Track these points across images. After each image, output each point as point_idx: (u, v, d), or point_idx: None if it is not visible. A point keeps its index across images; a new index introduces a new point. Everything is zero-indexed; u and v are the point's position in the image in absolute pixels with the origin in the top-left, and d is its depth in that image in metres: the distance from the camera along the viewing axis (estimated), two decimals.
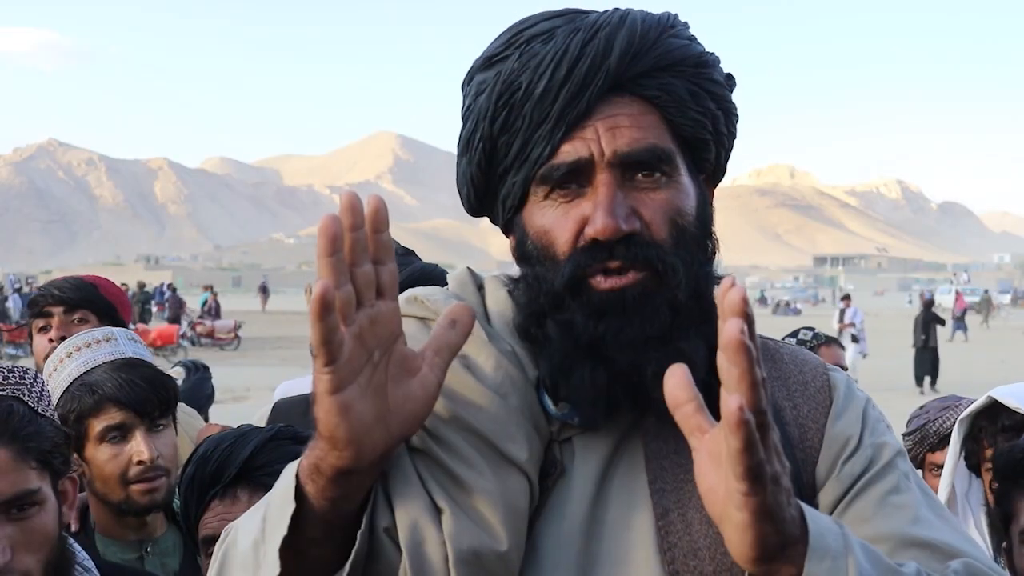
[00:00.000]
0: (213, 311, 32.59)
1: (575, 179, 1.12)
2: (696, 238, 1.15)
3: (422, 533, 1.02)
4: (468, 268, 1.28)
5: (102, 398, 2.01)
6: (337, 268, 0.87)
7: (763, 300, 70.37)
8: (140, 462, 1.99)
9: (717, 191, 1.23)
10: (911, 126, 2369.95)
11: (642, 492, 1.11)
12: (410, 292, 1.20)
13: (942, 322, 21.51)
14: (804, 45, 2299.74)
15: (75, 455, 1.96)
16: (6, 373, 1.53)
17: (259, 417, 2.57)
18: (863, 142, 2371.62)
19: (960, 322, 36.26)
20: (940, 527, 1.11)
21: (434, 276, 2.43)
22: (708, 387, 1.09)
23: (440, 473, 1.06)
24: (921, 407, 3.00)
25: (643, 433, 1.13)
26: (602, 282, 1.10)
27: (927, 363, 19.93)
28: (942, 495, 2.22)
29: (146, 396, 2.03)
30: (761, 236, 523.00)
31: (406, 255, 2.45)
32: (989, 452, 2.09)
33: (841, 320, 20.93)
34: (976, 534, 2.18)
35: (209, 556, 1.62)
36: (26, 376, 1.56)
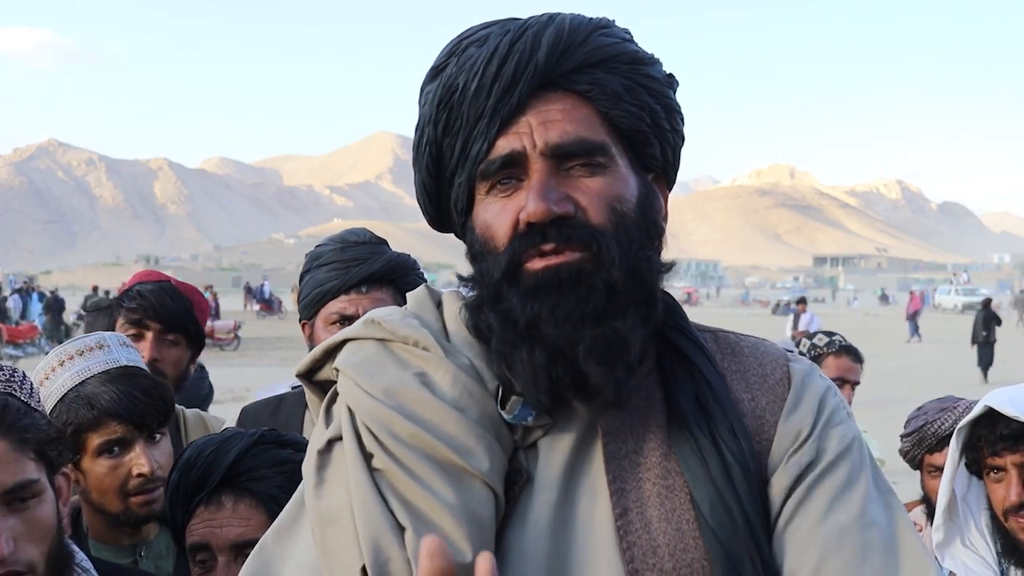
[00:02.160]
0: (213, 311, 32.60)
1: (512, 172, 1.15)
2: (637, 224, 1.16)
3: (386, 553, 1.04)
4: (426, 285, 1.29)
5: (101, 412, 1.98)
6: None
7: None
8: (140, 475, 1.98)
9: (717, 191, 1.76)
10: (911, 126, 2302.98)
11: (603, 492, 1.13)
12: (368, 315, 1.22)
13: (999, 321, 22.35)
14: (804, 46, 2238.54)
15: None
16: None
17: (227, 424, 2.53)
18: (863, 142, 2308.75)
19: (913, 322, 35.35)
20: (878, 532, 1.11)
21: (407, 265, 2.45)
22: (660, 369, 1.19)
23: (401, 491, 1.07)
24: (919, 408, 2.96)
25: (602, 433, 1.15)
26: (537, 263, 1.12)
27: (987, 357, 21.71)
28: (941, 501, 2.22)
29: (144, 408, 2.02)
30: (761, 236, 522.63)
31: (380, 244, 2.48)
32: (991, 460, 2.09)
33: (795, 327, 18.50)
34: (977, 535, 2.19)
35: (197, 563, 1.75)
36: (15, 375, 1.56)
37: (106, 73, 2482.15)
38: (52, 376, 2.07)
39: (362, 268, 2.36)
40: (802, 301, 20.25)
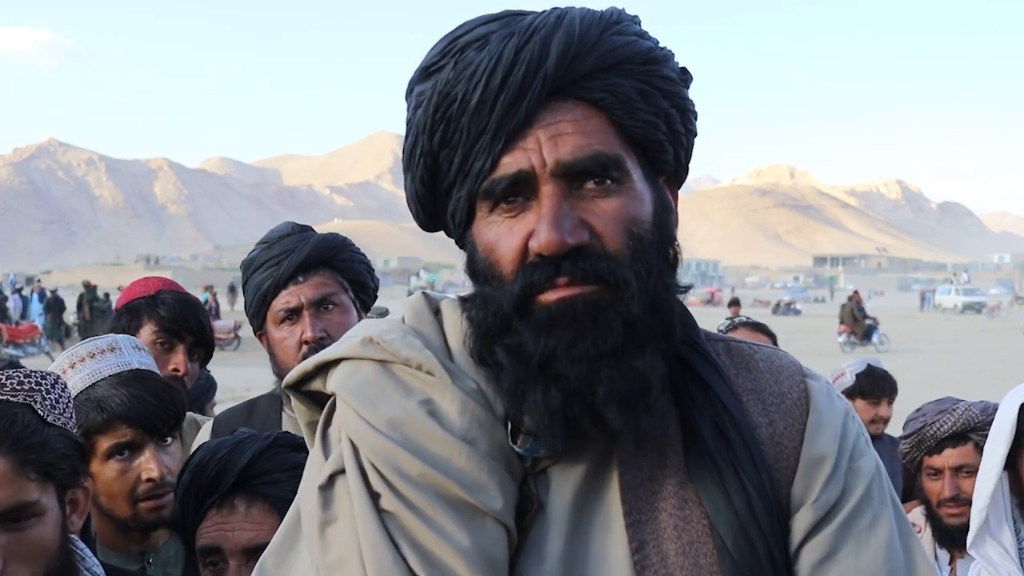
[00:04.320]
0: (213, 311, 32.60)
1: (519, 192, 1.07)
2: (654, 246, 1.09)
3: None
4: (423, 293, 1.21)
5: (111, 416, 1.97)
6: None
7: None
8: (149, 479, 1.96)
9: (717, 191, 1.74)
10: (911, 126, 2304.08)
11: (618, 524, 1.08)
12: (364, 333, 1.13)
13: None
14: (804, 46, 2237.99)
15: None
16: (21, 379, 1.51)
17: (203, 432, 2.48)
18: (863, 142, 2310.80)
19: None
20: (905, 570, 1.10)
21: (337, 243, 2.42)
22: (675, 394, 1.12)
23: (413, 535, 1.03)
24: (917, 409, 2.94)
25: (618, 462, 1.10)
26: (550, 296, 1.04)
27: None
28: (986, 492, 2.20)
29: (155, 412, 1.99)
30: (761, 236, 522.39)
31: (305, 231, 2.45)
32: None
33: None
34: (1004, 527, 2.21)
35: (207, 565, 1.73)
36: (43, 382, 1.52)
37: (106, 73, 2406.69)
38: (63, 379, 2.07)
39: (292, 258, 2.33)
40: (734, 303, 19.26)
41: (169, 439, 2.03)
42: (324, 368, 1.15)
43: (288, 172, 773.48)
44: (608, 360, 1.02)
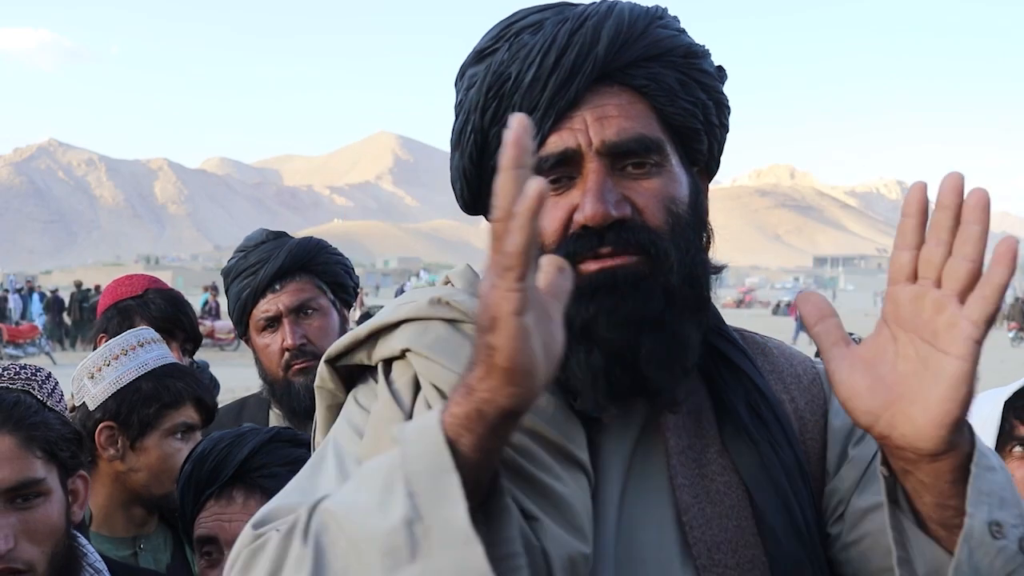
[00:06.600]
0: (213, 311, 32.54)
1: (565, 169, 1.11)
2: (691, 225, 1.14)
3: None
4: (468, 265, 1.26)
5: (187, 396, 2.08)
6: None
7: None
8: None
9: (717, 191, 1.41)
10: (911, 126, 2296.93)
11: (664, 488, 1.12)
12: (433, 294, 1.15)
13: None
14: (804, 46, 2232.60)
15: (123, 442, 2.05)
16: (17, 370, 1.58)
17: None
18: (863, 142, 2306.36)
19: (799, 322, 34.92)
20: None
21: (311, 247, 2.43)
22: (705, 373, 1.17)
23: (524, 481, 1.03)
24: None
25: (664, 428, 1.14)
26: (592, 266, 1.08)
27: None
28: None
29: (213, 402, 2.12)
30: (761, 236, 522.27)
31: (279, 238, 2.46)
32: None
33: None
34: None
35: (203, 555, 1.74)
36: (37, 374, 1.58)
37: (106, 73, 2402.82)
38: (115, 364, 2.09)
39: (268, 267, 2.35)
40: None
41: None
42: (372, 337, 1.14)
43: (288, 172, 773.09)
44: (649, 324, 1.06)
